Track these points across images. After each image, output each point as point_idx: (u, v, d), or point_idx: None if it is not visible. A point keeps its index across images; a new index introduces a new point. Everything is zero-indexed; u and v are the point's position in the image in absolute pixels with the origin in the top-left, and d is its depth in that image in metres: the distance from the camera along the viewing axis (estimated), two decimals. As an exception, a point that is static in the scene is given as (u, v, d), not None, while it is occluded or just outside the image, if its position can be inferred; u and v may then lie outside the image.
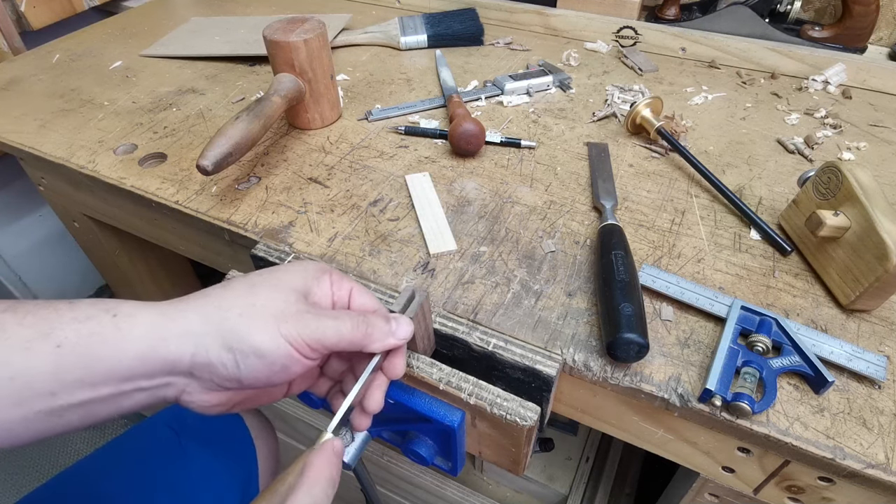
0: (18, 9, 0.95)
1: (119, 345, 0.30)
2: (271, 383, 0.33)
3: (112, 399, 0.31)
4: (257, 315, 0.32)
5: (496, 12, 0.93)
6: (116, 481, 0.56)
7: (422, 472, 0.83)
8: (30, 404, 0.29)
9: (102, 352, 0.30)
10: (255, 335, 0.31)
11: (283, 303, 0.33)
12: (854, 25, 0.79)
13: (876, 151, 0.65)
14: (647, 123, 0.65)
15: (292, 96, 0.64)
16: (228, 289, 0.34)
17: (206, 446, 0.60)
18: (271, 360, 0.32)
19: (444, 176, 0.62)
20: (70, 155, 0.66)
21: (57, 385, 0.29)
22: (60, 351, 0.29)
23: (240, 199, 0.59)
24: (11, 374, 0.28)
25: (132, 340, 0.30)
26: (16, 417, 0.29)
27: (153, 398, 0.32)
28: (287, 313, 0.33)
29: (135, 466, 0.57)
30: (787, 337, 0.42)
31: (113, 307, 0.31)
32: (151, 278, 1.00)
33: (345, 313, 0.35)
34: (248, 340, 0.31)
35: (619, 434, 0.49)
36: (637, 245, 0.53)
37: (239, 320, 0.32)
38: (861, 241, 0.45)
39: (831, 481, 0.42)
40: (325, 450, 0.32)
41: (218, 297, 0.33)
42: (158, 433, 0.60)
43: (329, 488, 0.31)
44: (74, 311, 0.30)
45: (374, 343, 0.35)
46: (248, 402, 0.37)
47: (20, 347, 0.29)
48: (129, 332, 0.31)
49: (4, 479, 1.20)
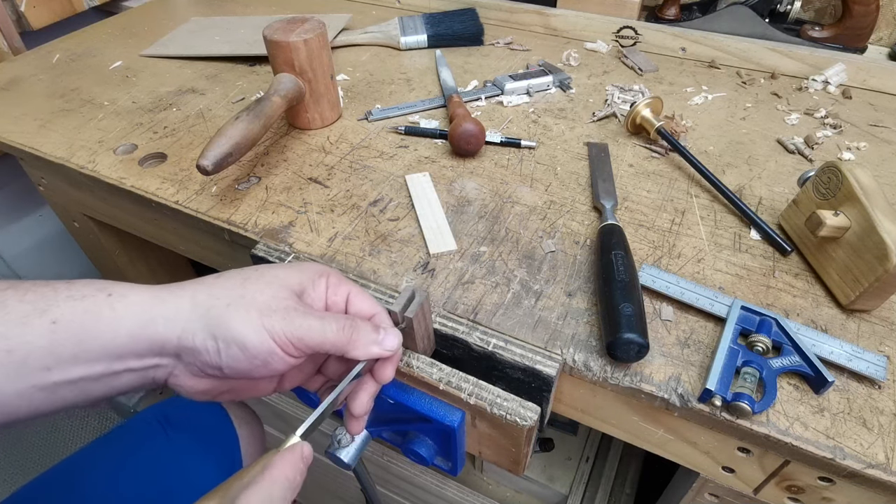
0: (18, 9, 0.95)
1: (112, 323, 0.31)
2: (252, 376, 0.33)
3: (104, 378, 0.32)
4: (244, 307, 0.33)
5: (496, 12, 0.93)
6: (101, 475, 0.56)
7: (422, 472, 0.83)
8: (25, 378, 0.29)
9: (96, 329, 0.31)
10: (238, 326, 0.32)
11: (271, 298, 0.33)
12: (854, 25, 0.79)
13: (876, 151, 0.65)
14: (647, 123, 0.65)
15: (292, 96, 0.64)
16: (221, 278, 0.35)
17: (191, 438, 0.60)
18: (253, 353, 0.32)
19: (444, 176, 0.62)
20: (70, 155, 0.66)
21: (52, 360, 0.30)
22: (55, 327, 0.30)
23: (240, 199, 0.59)
24: (9, 347, 0.29)
25: (125, 319, 0.31)
26: (11, 391, 0.29)
27: (143, 379, 0.33)
28: (274, 308, 0.33)
29: (120, 460, 0.58)
30: (787, 337, 0.42)
31: (108, 287, 0.32)
32: (151, 278, 1.00)
33: (332, 316, 0.35)
34: (231, 331, 0.32)
35: (619, 434, 0.49)
36: (637, 245, 0.53)
37: (226, 310, 0.32)
38: (861, 241, 0.45)
39: (831, 481, 0.42)
40: (292, 453, 0.32)
41: (210, 284, 0.34)
42: (144, 428, 0.61)
43: (288, 491, 0.30)
44: (71, 290, 0.31)
45: (358, 349, 0.35)
46: (233, 392, 0.37)
47: (18, 322, 0.30)
48: (122, 312, 0.31)
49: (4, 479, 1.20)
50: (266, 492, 0.29)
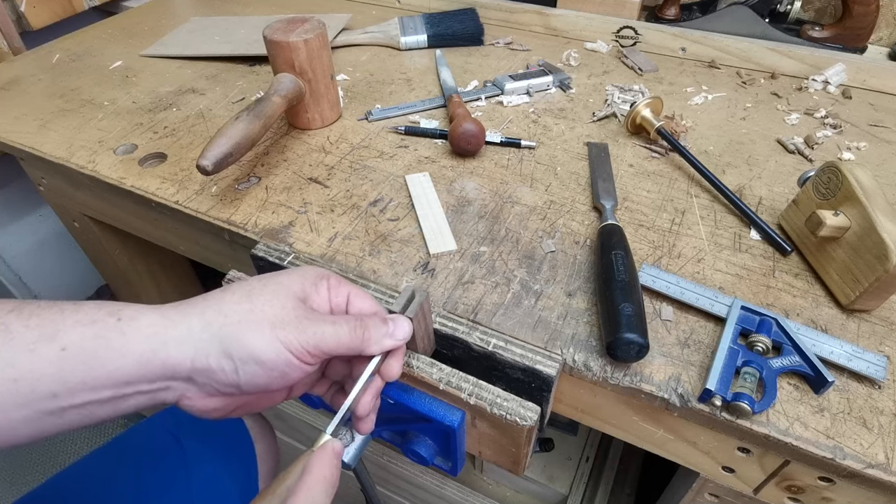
0: (18, 9, 0.95)
1: (122, 349, 0.30)
2: (270, 389, 0.33)
3: (112, 401, 0.31)
4: (255, 321, 0.32)
5: (496, 12, 0.93)
6: (115, 482, 0.55)
7: (422, 472, 0.83)
8: (33, 405, 0.29)
9: (105, 355, 0.30)
10: (253, 342, 0.32)
11: (280, 309, 0.33)
12: (854, 25, 0.79)
13: (876, 151, 0.65)
14: (647, 123, 0.65)
15: (292, 96, 0.64)
16: (227, 293, 0.34)
17: (206, 447, 0.60)
18: (270, 367, 0.32)
19: (444, 176, 0.62)
20: (70, 155, 0.66)
21: (60, 387, 0.29)
22: (65, 354, 0.29)
23: (240, 199, 0.59)
24: (16, 376, 0.28)
25: (134, 344, 0.31)
26: (18, 417, 0.29)
27: (153, 401, 0.32)
28: (285, 320, 0.33)
29: (134, 467, 0.57)
30: (787, 337, 0.42)
31: (117, 310, 0.32)
32: (151, 278, 1.00)
33: (342, 318, 0.35)
34: (247, 348, 0.31)
35: (619, 434, 0.49)
36: (637, 245, 0.53)
37: (238, 327, 0.32)
38: (861, 241, 0.45)
39: (831, 481, 0.42)
40: (325, 451, 0.32)
41: (218, 300, 0.34)
42: (157, 434, 0.60)
43: (329, 489, 0.31)
44: (78, 314, 0.31)
45: (372, 346, 0.35)
46: (247, 406, 0.37)
47: (25, 349, 0.29)
48: (132, 337, 0.31)
49: (4, 479, 1.20)
50: (308, 495, 0.30)
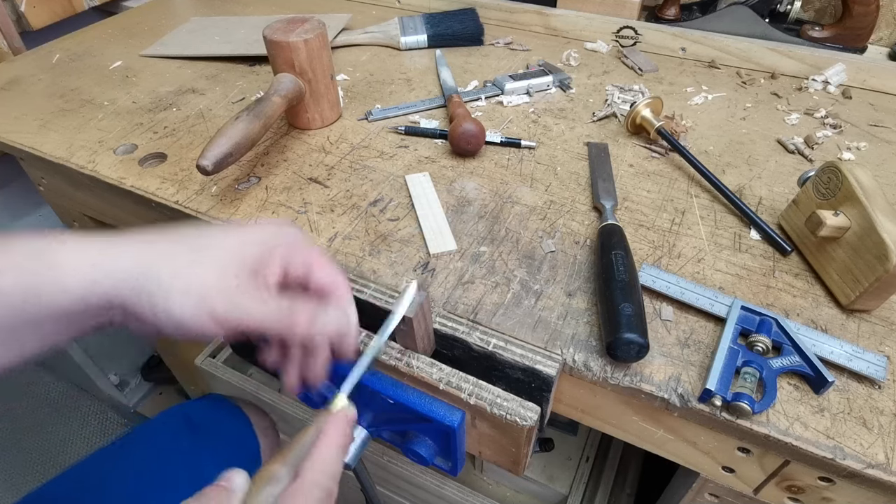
0: (18, 9, 0.95)
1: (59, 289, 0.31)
2: (192, 341, 0.34)
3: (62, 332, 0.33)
4: (185, 281, 0.32)
5: (496, 12, 0.93)
6: (120, 480, 0.56)
7: (422, 472, 0.83)
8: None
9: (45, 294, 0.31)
10: (175, 302, 0.32)
11: (217, 275, 0.33)
12: (854, 25, 0.79)
13: (876, 151, 0.65)
14: (647, 123, 0.65)
15: (292, 96, 0.64)
16: (177, 240, 0.34)
17: (211, 445, 0.60)
18: (187, 328, 0.32)
19: (444, 176, 0.62)
20: (70, 155, 0.66)
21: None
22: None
23: (240, 199, 0.59)
24: None
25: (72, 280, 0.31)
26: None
27: (102, 323, 0.33)
28: (217, 287, 0.33)
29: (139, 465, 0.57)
30: (787, 337, 0.42)
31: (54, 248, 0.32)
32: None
33: (273, 298, 0.34)
34: (168, 306, 0.32)
35: (619, 434, 0.49)
36: (637, 245, 0.53)
37: (169, 281, 0.32)
38: (861, 241, 0.45)
39: (831, 481, 0.42)
40: (340, 416, 0.33)
41: (162, 244, 0.34)
42: (163, 433, 0.61)
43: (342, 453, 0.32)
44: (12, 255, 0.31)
45: (299, 329, 0.35)
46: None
47: None
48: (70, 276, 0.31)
49: (4, 479, 1.20)
50: (323, 456, 0.31)
